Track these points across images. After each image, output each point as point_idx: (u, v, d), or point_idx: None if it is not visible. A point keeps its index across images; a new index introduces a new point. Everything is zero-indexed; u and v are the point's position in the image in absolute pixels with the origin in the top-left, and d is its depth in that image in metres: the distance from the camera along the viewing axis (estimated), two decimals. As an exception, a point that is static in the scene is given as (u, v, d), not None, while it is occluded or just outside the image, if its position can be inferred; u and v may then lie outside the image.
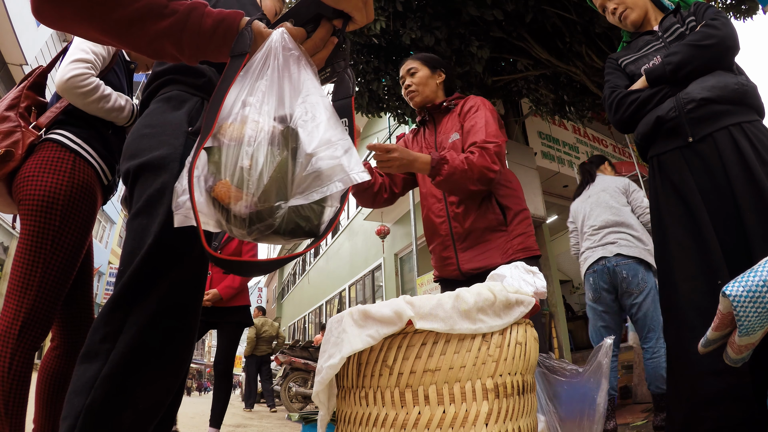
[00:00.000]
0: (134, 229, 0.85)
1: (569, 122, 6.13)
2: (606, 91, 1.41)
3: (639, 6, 1.41)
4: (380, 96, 4.13)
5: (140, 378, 0.80)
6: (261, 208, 0.67)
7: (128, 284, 0.80)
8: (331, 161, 0.70)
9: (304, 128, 0.71)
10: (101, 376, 0.75)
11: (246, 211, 0.67)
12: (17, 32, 7.26)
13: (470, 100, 1.70)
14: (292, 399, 5.69)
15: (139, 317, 0.80)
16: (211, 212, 0.68)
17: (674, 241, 1.21)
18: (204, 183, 0.68)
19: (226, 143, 0.68)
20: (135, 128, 0.97)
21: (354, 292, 11.68)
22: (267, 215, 0.67)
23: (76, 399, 0.75)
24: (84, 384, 0.75)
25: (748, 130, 1.17)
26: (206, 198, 0.68)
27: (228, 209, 0.67)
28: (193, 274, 0.90)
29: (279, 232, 0.69)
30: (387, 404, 0.79)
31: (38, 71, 1.45)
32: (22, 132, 1.30)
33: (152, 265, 0.82)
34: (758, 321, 0.74)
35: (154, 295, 0.82)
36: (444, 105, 1.71)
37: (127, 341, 0.78)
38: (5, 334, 1.18)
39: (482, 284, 0.91)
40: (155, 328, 0.82)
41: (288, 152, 0.70)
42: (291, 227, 0.70)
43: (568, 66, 3.82)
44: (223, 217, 0.69)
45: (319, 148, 0.70)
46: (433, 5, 3.41)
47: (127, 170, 0.92)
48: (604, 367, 1.13)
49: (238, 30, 0.74)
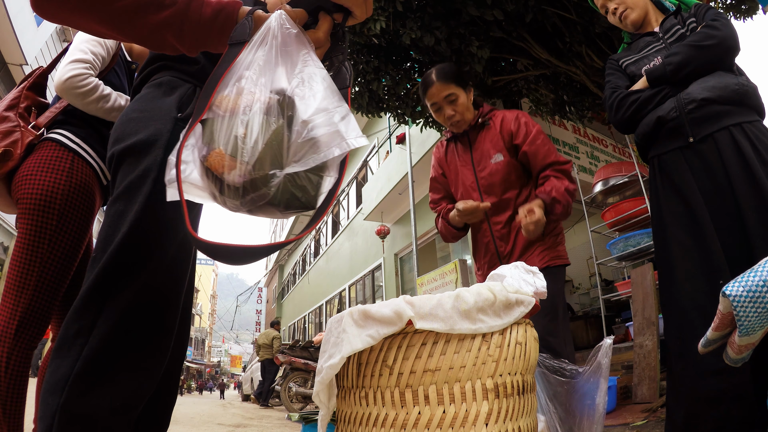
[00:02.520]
0: (111, 214, 0.81)
1: (569, 122, 6.12)
2: (607, 91, 1.41)
3: (639, 6, 1.41)
4: (380, 96, 4.13)
5: (115, 374, 0.76)
6: (255, 177, 0.65)
7: (102, 275, 0.77)
8: (327, 128, 0.68)
9: (300, 97, 0.70)
10: (74, 374, 0.72)
11: (240, 180, 0.65)
12: (17, 32, 7.26)
13: (508, 116, 1.68)
14: (292, 399, 5.69)
15: (113, 311, 0.76)
16: (205, 184, 0.66)
17: (675, 241, 1.21)
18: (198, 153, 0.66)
19: (221, 114, 0.67)
20: (124, 112, 0.93)
21: (354, 292, 11.68)
22: (261, 184, 0.65)
23: (50, 398, 0.73)
24: (57, 382, 0.73)
25: (749, 130, 1.17)
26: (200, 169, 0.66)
27: (222, 179, 0.66)
28: (173, 265, 0.86)
29: (274, 202, 0.67)
30: (387, 404, 0.79)
31: (38, 72, 1.45)
32: (21, 132, 1.30)
33: (128, 255, 0.78)
34: (758, 321, 0.74)
35: (130, 287, 0.78)
36: (480, 122, 1.70)
37: (101, 336, 0.74)
38: (2, 333, 1.17)
39: (482, 284, 0.91)
40: (130, 322, 0.78)
41: (284, 120, 0.68)
42: (287, 197, 0.67)
43: (568, 66, 3.82)
44: (216, 189, 0.67)
45: (316, 115, 0.68)
46: (433, 5, 3.40)
47: (111, 154, 0.88)
48: (604, 367, 1.13)
49: (237, 19, 0.74)
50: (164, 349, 0.87)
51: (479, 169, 1.69)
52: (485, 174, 1.66)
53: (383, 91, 4.09)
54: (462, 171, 1.74)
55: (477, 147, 1.70)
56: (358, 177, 11.53)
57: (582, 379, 1.15)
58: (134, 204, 0.80)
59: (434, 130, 4.89)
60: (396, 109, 4.33)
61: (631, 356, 3.34)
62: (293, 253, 20.23)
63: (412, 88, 4.16)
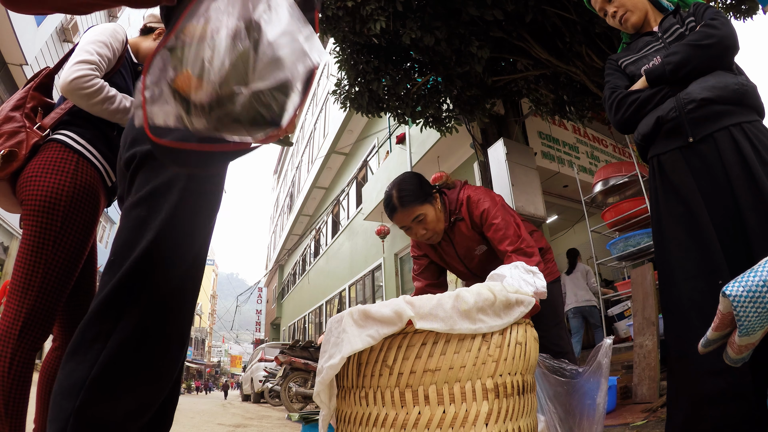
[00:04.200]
0: (132, 218, 0.82)
1: (569, 122, 6.12)
2: (606, 91, 1.41)
3: (639, 8, 1.41)
4: (380, 96, 4.13)
5: (131, 381, 0.77)
6: (221, 94, 0.68)
7: (123, 281, 0.78)
8: (292, 47, 0.71)
9: (266, 21, 0.72)
10: (90, 378, 0.73)
11: (206, 99, 0.68)
12: (17, 32, 7.26)
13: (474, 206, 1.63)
14: (292, 399, 5.69)
15: (132, 317, 0.77)
16: (172, 106, 0.69)
17: (674, 241, 1.21)
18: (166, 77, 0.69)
19: (189, 42, 0.69)
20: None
21: (354, 292, 11.68)
22: (227, 101, 0.68)
23: (64, 402, 0.73)
24: (72, 385, 0.73)
25: (749, 130, 1.17)
26: (167, 91, 0.68)
27: (189, 100, 0.68)
28: (190, 274, 0.87)
29: (239, 119, 0.70)
30: (387, 404, 0.79)
31: (44, 72, 1.45)
32: (26, 132, 1.30)
33: (150, 263, 0.79)
34: (758, 321, 0.74)
35: (150, 294, 0.79)
36: (452, 220, 1.67)
37: (119, 341, 0.75)
38: (6, 334, 1.18)
39: (482, 284, 0.91)
40: (148, 329, 0.79)
41: (250, 43, 0.70)
42: (252, 114, 0.70)
43: (568, 66, 3.82)
44: (183, 110, 0.69)
45: (281, 37, 0.71)
46: (433, 5, 3.40)
47: (133, 154, 0.88)
48: (604, 367, 1.13)
49: None
50: (179, 356, 0.88)
51: (467, 261, 1.73)
52: (475, 264, 1.73)
53: (383, 91, 4.08)
54: (450, 263, 1.78)
55: (458, 242, 1.70)
56: (358, 177, 11.53)
57: (582, 379, 1.15)
58: (159, 212, 0.81)
59: (434, 130, 4.89)
60: (396, 109, 4.33)
61: (631, 356, 3.34)
62: (293, 253, 20.22)
63: (412, 88, 4.16)
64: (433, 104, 4.43)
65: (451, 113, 4.68)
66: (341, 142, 11.92)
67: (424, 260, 1.84)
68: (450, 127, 4.76)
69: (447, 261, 1.79)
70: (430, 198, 1.61)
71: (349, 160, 12.58)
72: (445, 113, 4.65)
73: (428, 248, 1.80)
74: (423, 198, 1.59)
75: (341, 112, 10.54)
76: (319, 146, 14.17)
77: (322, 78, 13.40)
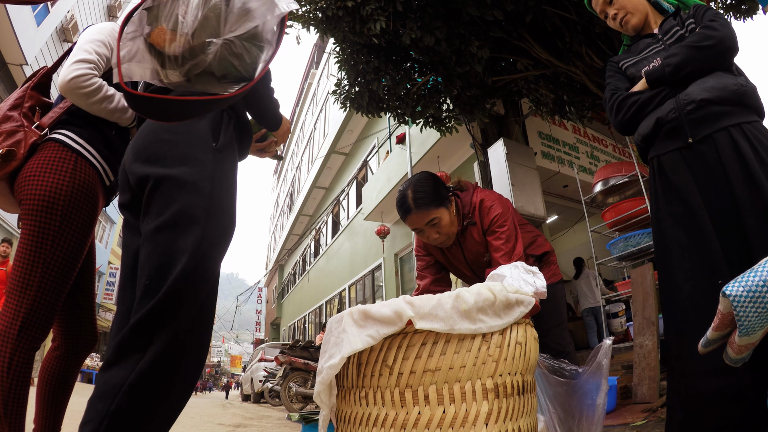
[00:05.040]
0: (161, 243, 0.87)
1: (569, 122, 6.12)
2: (607, 93, 1.41)
3: (639, 11, 1.41)
4: (380, 96, 4.13)
5: (164, 388, 0.83)
6: (194, 45, 0.72)
7: (166, 299, 0.83)
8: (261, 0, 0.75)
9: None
10: (128, 383, 0.77)
11: (179, 50, 0.71)
12: (17, 32, 7.26)
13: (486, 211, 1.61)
14: (292, 399, 5.69)
15: (170, 332, 0.82)
16: (147, 61, 0.72)
17: (674, 242, 1.21)
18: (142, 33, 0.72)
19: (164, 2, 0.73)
20: (153, 129, 0.96)
21: (354, 292, 11.68)
22: (199, 51, 0.72)
23: (100, 404, 0.77)
24: (109, 389, 0.77)
25: (748, 130, 1.17)
26: (143, 46, 0.72)
27: (163, 53, 0.72)
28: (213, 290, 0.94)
29: (211, 70, 0.73)
30: (387, 404, 0.79)
31: (42, 71, 1.44)
32: (24, 132, 1.30)
33: (188, 286, 0.85)
34: (758, 321, 0.74)
35: (187, 313, 0.85)
36: (465, 224, 1.65)
37: (157, 352, 0.80)
38: (4, 333, 1.17)
39: (482, 284, 0.91)
40: (183, 342, 0.85)
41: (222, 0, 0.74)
42: (224, 65, 0.74)
43: (568, 66, 3.82)
44: (158, 63, 0.72)
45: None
46: (433, 5, 3.40)
47: (146, 175, 0.92)
48: (604, 367, 1.13)
49: None
50: (204, 363, 0.95)
51: (475, 266, 1.72)
52: (481, 269, 1.73)
53: (383, 91, 4.08)
54: (457, 266, 1.77)
55: (468, 247, 1.67)
56: (358, 177, 11.53)
57: (582, 380, 1.15)
58: (189, 235, 0.87)
59: (434, 130, 4.89)
60: (396, 109, 4.33)
61: (631, 356, 3.34)
62: (293, 253, 20.22)
63: (412, 88, 4.16)
64: (433, 104, 4.43)
65: (451, 113, 4.68)
66: (341, 142, 11.92)
67: (430, 258, 1.83)
68: (450, 127, 4.76)
69: (454, 264, 1.78)
70: (446, 201, 1.56)
71: (349, 160, 12.58)
72: (445, 113, 4.65)
73: (435, 250, 1.79)
74: (439, 201, 1.54)
75: (341, 112, 10.54)
76: (319, 146, 14.17)
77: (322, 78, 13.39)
